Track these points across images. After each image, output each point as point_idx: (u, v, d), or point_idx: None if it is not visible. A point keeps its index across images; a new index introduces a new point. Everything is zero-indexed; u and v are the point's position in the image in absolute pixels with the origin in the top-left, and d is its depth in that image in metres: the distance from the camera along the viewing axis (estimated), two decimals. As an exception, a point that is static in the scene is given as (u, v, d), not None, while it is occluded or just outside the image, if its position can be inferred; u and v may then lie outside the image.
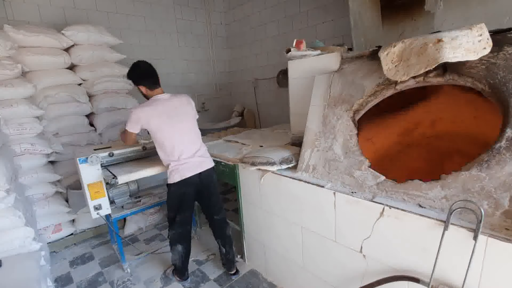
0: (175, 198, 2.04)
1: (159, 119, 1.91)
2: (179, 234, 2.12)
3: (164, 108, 1.95)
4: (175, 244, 2.14)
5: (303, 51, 2.08)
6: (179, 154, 1.96)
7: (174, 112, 1.98)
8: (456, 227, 1.10)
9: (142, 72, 1.98)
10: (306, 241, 1.81)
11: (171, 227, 2.12)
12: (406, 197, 1.33)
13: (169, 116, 1.95)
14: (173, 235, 2.12)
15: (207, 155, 2.12)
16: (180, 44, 4.51)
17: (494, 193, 1.12)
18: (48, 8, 3.18)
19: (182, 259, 2.18)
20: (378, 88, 1.67)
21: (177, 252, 2.15)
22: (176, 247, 2.14)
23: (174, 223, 2.09)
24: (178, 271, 2.24)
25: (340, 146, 1.68)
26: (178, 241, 2.13)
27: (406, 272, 1.29)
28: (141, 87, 2.00)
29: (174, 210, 2.07)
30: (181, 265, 2.20)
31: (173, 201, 2.05)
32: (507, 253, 0.99)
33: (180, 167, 1.96)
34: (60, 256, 2.72)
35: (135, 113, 1.90)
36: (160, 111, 1.93)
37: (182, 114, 2.03)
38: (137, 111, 1.91)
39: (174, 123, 1.96)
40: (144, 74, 1.98)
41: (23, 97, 2.47)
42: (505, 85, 1.27)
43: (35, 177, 2.53)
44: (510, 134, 1.18)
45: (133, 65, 1.99)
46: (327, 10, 3.41)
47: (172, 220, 2.10)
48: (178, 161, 1.96)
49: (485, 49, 1.27)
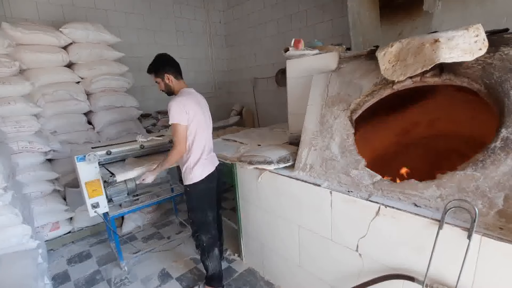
0: (204, 196, 1.90)
1: (195, 110, 1.80)
2: (214, 236, 1.97)
3: (198, 100, 1.90)
4: (212, 250, 1.96)
5: (302, 50, 2.09)
6: (206, 149, 1.92)
7: (205, 107, 1.98)
8: (451, 226, 1.11)
9: (168, 59, 1.88)
10: (303, 239, 1.82)
11: (206, 231, 1.94)
12: (402, 196, 1.33)
13: (202, 109, 1.90)
14: (209, 240, 1.94)
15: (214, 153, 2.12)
16: (179, 42, 4.50)
17: (488, 192, 1.13)
18: (47, 5, 3.17)
19: (220, 264, 2.05)
20: (376, 88, 1.67)
21: (215, 258, 1.98)
22: (213, 253, 1.97)
23: (209, 224, 1.93)
24: (216, 279, 2.03)
25: (337, 146, 1.69)
26: (214, 245, 1.97)
27: (401, 270, 1.30)
28: (168, 75, 1.85)
29: (205, 209, 1.93)
30: (219, 270, 2.03)
31: (203, 200, 1.91)
32: (500, 252, 1.00)
33: (205, 161, 1.90)
34: (58, 254, 2.72)
35: (178, 101, 1.74)
36: (196, 102, 1.86)
37: (206, 109, 2.01)
38: (179, 100, 1.75)
39: (206, 118, 1.94)
40: (171, 61, 1.88)
41: (21, 94, 2.46)
42: (500, 86, 1.28)
43: (33, 175, 2.53)
44: (505, 134, 1.19)
45: (157, 56, 1.89)
46: (326, 9, 3.41)
47: (204, 221, 1.93)
48: (202, 156, 1.88)
49: (481, 50, 1.28)
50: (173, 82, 1.88)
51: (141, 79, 4.05)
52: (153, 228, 3.14)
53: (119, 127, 3.23)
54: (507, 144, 1.16)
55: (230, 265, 2.43)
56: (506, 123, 1.20)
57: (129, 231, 3.07)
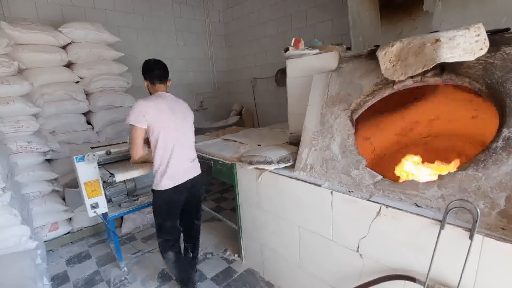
0: (164, 205, 1.91)
1: (158, 115, 1.77)
2: (168, 241, 2.00)
3: (170, 105, 1.85)
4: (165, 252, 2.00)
5: (301, 50, 2.08)
6: (176, 157, 1.84)
7: (181, 113, 1.91)
8: (452, 227, 1.10)
9: (146, 65, 1.90)
10: (303, 240, 1.82)
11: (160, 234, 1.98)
12: (403, 196, 1.33)
13: (174, 115, 1.85)
14: (161, 243, 2.00)
15: (197, 161, 2.06)
16: (179, 42, 4.49)
17: (490, 192, 1.12)
18: (45, 5, 3.16)
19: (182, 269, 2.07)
20: (376, 87, 1.67)
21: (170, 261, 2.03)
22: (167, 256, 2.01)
23: (163, 229, 1.97)
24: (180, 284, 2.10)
25: (337, 146, 1.68)
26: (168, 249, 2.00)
27: (402, 271, 1.30)
28: (146, 80, 1.92)
29: (162, 216, 1.95)
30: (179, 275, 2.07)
31: (162, 208, 1.92)
32: (502, 253, 0.99)
33: (173, 171, 1.84)
34: (57, 254, 2.71)
35: (139, 103, 1.75)
36: (167, 107, 1.82)
37: (183, 116, 1.93)
38: (140, 102, 1.76)
39: (178, 124, 1.86)
40: (148, 67, 1.90)
41: (20, 94, 2.45)
42: (502, 85, 1.27)
43: (32, 175, 2.52)
44: (506, 134, 1.18)
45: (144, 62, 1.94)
46: (326, 9, 3.41)
47: (160, 226, 1.96)
48: (169, 164, 1.82)
49: (482, 50, 1.27)
50: (149, 87, 1.94)
51: (141, 79, 4.01)
52: (153, 228, 3.12)
53: (118, 127, 3.22)
54: (508, 144, 1.15)
55: (230, 265, 2.42)
56: (508, 123, 1.20)
57: (129, 231, 3.06)
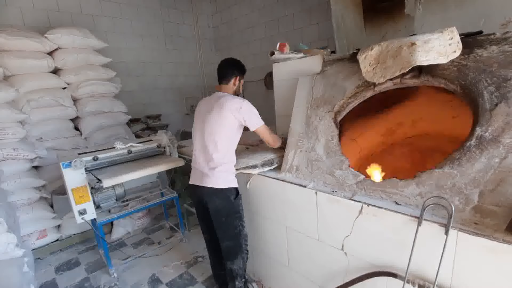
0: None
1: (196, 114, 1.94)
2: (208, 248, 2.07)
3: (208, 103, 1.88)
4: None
5: (287, 54, 2.12)
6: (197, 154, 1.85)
7: (206, 113, 1.80)
8: (429, 223, 1.14)
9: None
10: (290, 240, 1.84)
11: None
12: (384, 195, 1.37)
13: (202, 114, 1.84)
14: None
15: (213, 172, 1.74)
16: (168, 46, 4.50)
17: (464, 189, 1.16)
18: (31, 11, 3.14)
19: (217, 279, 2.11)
20: (358, 89, 1.71)
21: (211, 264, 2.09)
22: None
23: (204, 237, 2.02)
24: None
25: (322, 147, 1.72)
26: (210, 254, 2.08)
27: (385, 267, 1.33)
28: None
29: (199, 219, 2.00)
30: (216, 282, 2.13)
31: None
32: (476, 246, 1.03)
33: (193, 167, 1.89)
34: (46, 262, 2.67)
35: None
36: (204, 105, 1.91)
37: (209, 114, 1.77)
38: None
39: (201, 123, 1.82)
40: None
41: (5, 101, 2.43)
42: (475, 86, 1.32)
43: (18, 182, 2.49)
44: (479, 133, 1.23)
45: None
46: (312, 13, 3.47)
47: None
48: (193, 159, 1.89)
49: (455, 52, 1.33)
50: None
51: (130, 84, 4.03)
52: (143, 234, 3.11)
53: (107, 132, 3.20)
54: (481, 142, 1.20)
55: (221, 268, 2.43)
56: (480, 122, 1.25)
57: (119, 237, 3.03)
